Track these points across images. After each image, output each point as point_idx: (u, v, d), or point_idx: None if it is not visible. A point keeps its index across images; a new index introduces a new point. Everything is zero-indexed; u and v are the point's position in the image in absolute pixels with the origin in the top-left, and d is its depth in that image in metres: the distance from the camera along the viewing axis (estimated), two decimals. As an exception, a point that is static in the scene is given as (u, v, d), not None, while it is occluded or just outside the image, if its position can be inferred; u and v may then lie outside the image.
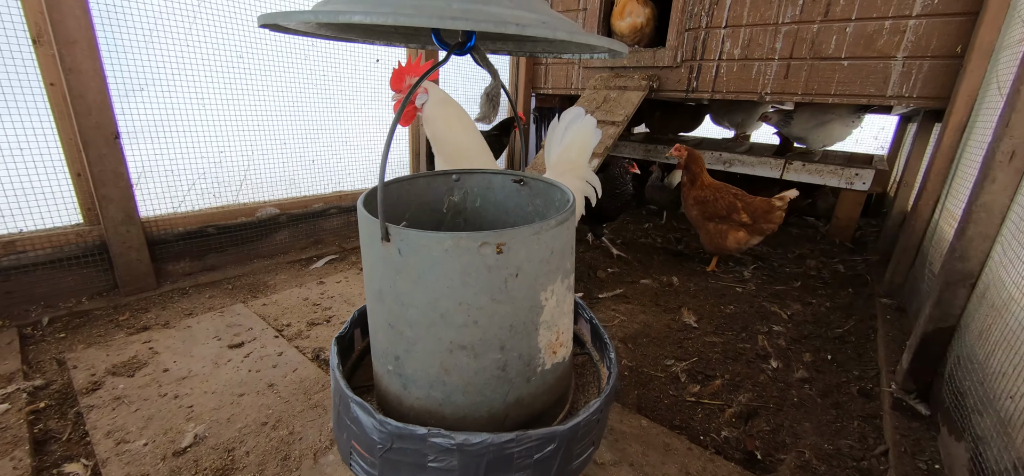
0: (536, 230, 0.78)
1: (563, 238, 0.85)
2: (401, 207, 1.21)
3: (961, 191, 1.67)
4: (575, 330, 1.25)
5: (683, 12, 2.76)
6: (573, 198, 0.95)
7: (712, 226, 2.41)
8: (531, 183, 1.13)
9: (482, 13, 0.61)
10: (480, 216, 1.26)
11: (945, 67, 2.14)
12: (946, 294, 1.29)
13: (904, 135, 3.75)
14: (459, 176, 1.23)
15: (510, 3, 0.66)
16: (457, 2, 0.62)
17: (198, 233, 2.24)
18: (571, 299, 0.94)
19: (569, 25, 0.68)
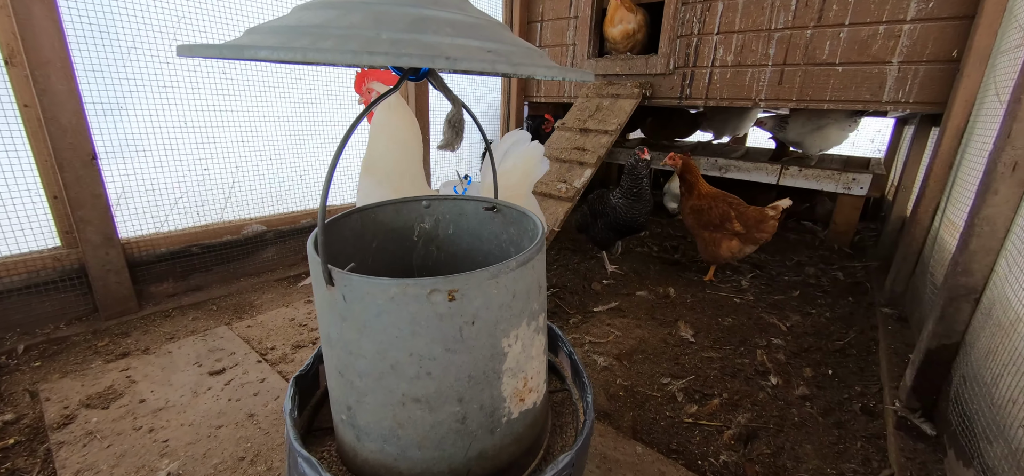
0: (493, 274, 0.72)
1: (528, 279, 0.79)
2: (367, 237, 1.16)
3: (961, 199, 1.63)
4: (555, 364, 1.20)
5: (675, 19, 2.73)
6: (542, 231, 0.89)
7: (706, 234, 2.39)
8: (504, 210, 1.08)
9: (412, 45, 0.55)
10: (453, 244, 1.22)
11: (941, 72, 2.10)
12: (949, 309, 1.24)
13: (901, 137, 3.71)
14: (429, 202, 1.18)
15: (450, 31, 0.60)
16: (386, 32, 0.56)
17: (181, 253, 2.18)
18: (542, 341, 0.88)
19: (518, 55, 0.62)
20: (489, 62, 0.56)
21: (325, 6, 0.64)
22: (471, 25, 0.64)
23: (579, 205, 2.50)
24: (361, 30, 0.57)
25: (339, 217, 1.07)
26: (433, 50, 0.55)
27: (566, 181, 2.35)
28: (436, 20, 0.61)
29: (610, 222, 2.36)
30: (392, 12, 0.61)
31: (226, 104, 2.22)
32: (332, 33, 0.56)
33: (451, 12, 0.64)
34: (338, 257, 1.07)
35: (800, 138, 3.31)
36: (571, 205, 2.28)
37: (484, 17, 0.71)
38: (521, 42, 0.72)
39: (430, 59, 0.53)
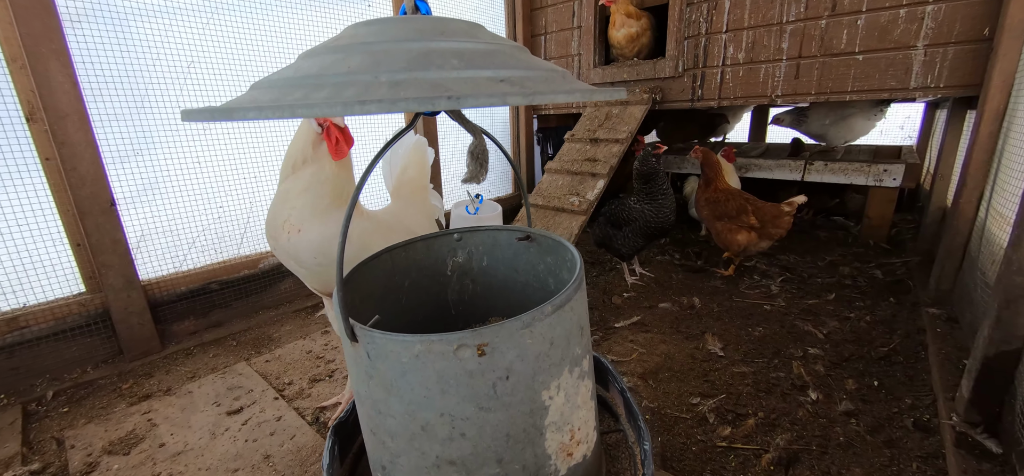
0: (526, 322, 0.67)
1: (567, 322, 0.73)
2: (399, 277, 1.14)
3: (1009, 187, 1.50)
4: (607, 399, 1.13)
5: (680, 21, 2.66)
6: (580, 265, 0.83)
7: (721, 225, 2.41)
8: (539, 239, 1.03)
9: (412, 86, 0.51)
10: (489, 276, 1.18)
11: (973, 52, 1.97)
12: (1006, 313, 1.12)
13: (933, 122, 3.52)
14: (461, 235, 1.15)
15: (457, 62, 0.56)
16: (386, 73, 0.52)
17: (201, 291, 2.21)
18: (588, 386, 0.82)
19: (535, 81, 0.58)
20: (499, 94, 0.52)
21: (327, 51, 0.62)
22: (483, 53, 0.60)
23: (593, 218, 2.44)
24: (359, 75, 0.54)
25: (368, 260, 1.06)
26: (436, 89, 0.51)
27: (579, 194, 2.29)
28: (441, 52, 0.57)
29: (639, 228, 2.28)
30: (394, 50, 0.58)
31: (239, 140, 2.25)
32: (329, 82, 0.53)
33: (460, 41, 0.61)
34: (369, 301, 1.05)
35: (823, 131, 3.17)
36: (585, 218, 2.21)
37: (499, 42, 0.67)
38: (541, 65, 0.67)
39: (430, 101, 0.49)
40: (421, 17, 0.67)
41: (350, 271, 0.97)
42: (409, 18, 0.66)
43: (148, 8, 1.94)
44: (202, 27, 2.11)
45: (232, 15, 2.18)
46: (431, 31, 0.62)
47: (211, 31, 2.13)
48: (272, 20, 2.32)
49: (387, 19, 0.66)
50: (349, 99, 0.49)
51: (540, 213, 2.40)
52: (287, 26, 2.37)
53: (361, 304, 0.99)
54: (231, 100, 0.58)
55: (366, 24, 0.66)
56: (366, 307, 1.00)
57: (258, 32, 2.27)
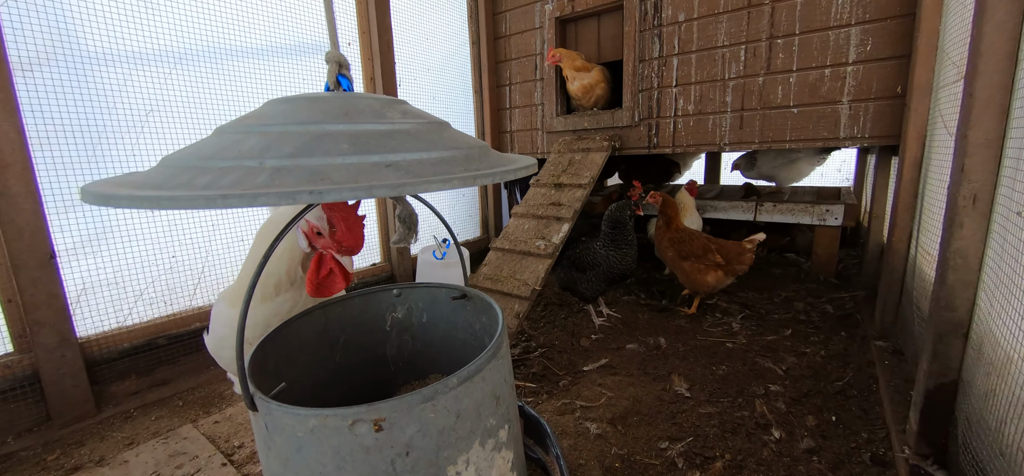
0: (427, 396, 0.65)
1: (477, 393, 0.71)
2: (333, 333, 1.10)
3: (932, 228, 1.63)
4: (545, 463, 1.11)
5: (634, 74, 2.84)
6: (500, 329, 0.82)
7: (688, 265, 2.48)
8: (474, 298, 1.03)
9: (291, 174, 0.51)
10: (428, 332, 1.16)
11: (891, 106, 2.19)
12: (941, 347, 1.20)
13: (866, 165, 3.83)
14: (400, 291, 1.15)
15: (347, 147, 0.55)
16: (272, 159, 0.52)
17: (146, 346, 2.07)
18: (508, 457, 0.79)
19: (434, 166, 0.57)
20: (384, 182, 0.51)
21: (231, 130, 0.62)
22: (382, 134, 0.60)
23: (558, 261, 2.47)
24: (245, 160, 0.53)
25: (298, 317, 1.02)
26: (313, 178, 0.50)
27: (545, 237, 2.33)
28: (336, 136, 0.57)
29: (602, 273, 2.34)
30: (292, 132, 0.58)
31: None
32: (214, 166, 0.53)
33: (366, 123, 0.61)
34: (295, 362, 0.99)
35: (773, 173, 3.40)
36: (551, 261, 2.24)
37: (417, 121, 0.67)
38: (457, 143, 0.66)
39: (291, 197, 0.47)
40: (333, 96, 0.67)
41: (275, 330, 0.94)
42: (321, 97, 0.66)
43: (108, 55, 1.90)
44: (164, 76, 2.08)
45: (197, 64, 2.17)
46: (336, 112, 0.62)
47: (174, 80, 2.10)
48: (238, 70, 2.31)
49: (300, 97, 0.66)
50: (225, 190, 0.48)
51: (507, 256, 2.41)
52: (251, 77, 2.37)
53: (284, 364, 0.95)
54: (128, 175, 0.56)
55: (280, 101, 0.66)
56: (289, 368, 0.97)
57: (222, 82, 2.25)
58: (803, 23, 2.33)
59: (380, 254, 3.11)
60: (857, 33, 2.22)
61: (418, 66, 3.22)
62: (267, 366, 0.90)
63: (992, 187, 1.10)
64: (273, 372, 0.92)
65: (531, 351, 2.27)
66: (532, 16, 3.30)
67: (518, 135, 3.59)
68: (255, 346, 0.88)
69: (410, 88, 3.17)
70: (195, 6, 2.12)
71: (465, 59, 3.59)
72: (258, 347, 0.88)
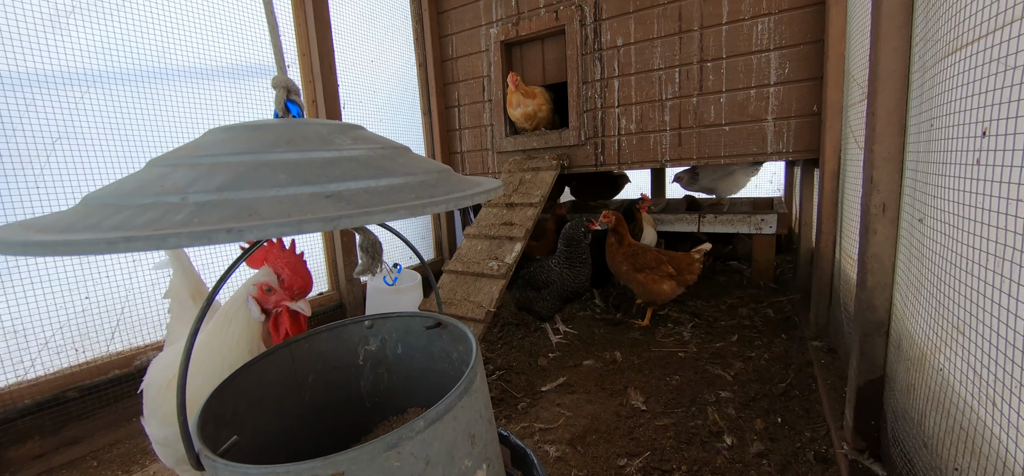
0: (391, 444, 0.60)
1: (449, 435, 0.66)
2: (301, 372, 1.02)
3: (852, 233, 1.77)
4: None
5: (578, 96, 2.94)
6: (474, 360, 0.77)
7: (643, 276, 2.56)
8: (449, 327, 0.98)
9: (215, 210, 0.46)
10: (404, 364, 1.10)
11: (809, 123, 2.38)
12: (866, 346, 1.29)
13: (793, 177, 4.14)
14: (372, 322, 1.08)
15: (285, 178, 0.51)
16: (197, 193, 0.47)
17: (53, 401, 1.83)
18: None
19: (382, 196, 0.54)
20: (320, 214, 0.46)
21: (161, 163, 0.57)
22: (325, 162, 0.56)
23: (513, 281, 2.46)
24: (167, 196, 0.48)
25: (262, 356, 0.94)
26: (238, 215, 0.45)
27: (498, 258, 2.32)
28: (273, 165, 0.53)
29: (556, 291, 2.34)
30: (225, 163, 0.53)
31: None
32: (132, 204, 0.48)
33: (311, 150, 0.57)
34: (260, 406, 0.91)
35: (713, 185, 3.59)
36: (505, 282, 2.22)
37: (370, 146, 0.63)
38: (421, 168, 0.63)
39: (206, 237, 0.43)
40: (277, 122, 0.64)
41: (234, 374, 0.86)
42: (264, 124, 0.62)
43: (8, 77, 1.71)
44: (76, 99, 1.89)
45: (114, 87, 1.99)
46: (278, 139, 0.58)
47: (87, 103, 1.92)
48: (172, 93, 2.15)
49: (242, 125, 0.63)
50: (114, 237, 0.43)
51: (461, 279, 2.37)
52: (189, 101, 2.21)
53: (246, 411, 0.86)
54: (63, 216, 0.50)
55: (221, 130, 0.62)
56: (252, 414, 0.88)
57: (152, 106, 2.08)
58: (729, 48, 2.51)
59: (327, 282, 2.97)
60: (776, 57, 2.41)
61: (364, 88, 3.15)
62: (224, 415, 0.82)
63: (898, 196, 1.21)
64: (232, 422, 0.83)
65: (489, 375, 2.23)
66: (478, 39, 3.34)
67: (469, 156, 3.58)
68: (210, 398, 0.79)
69: (356, 110, 3.09)
70: (117, 22, 1.96)
71: (413, 81, 3.56)
72: (214, 394, 0.80)
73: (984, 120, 0.76)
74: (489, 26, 3.25)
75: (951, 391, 0.89)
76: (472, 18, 3.34)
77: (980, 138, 0.77)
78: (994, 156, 0.73)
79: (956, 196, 0.86)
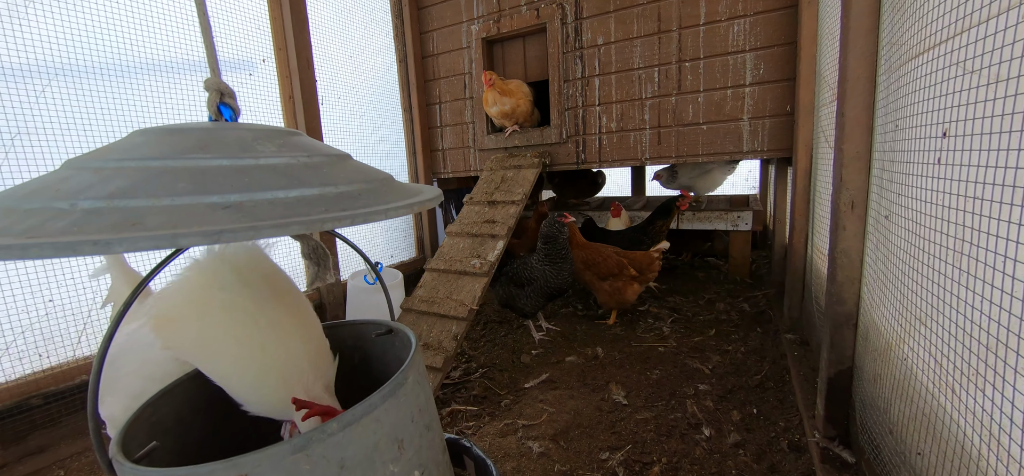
0: (299, 446, 0.58)
1: (369, 438, 0.64)
2: None
3: (823, 230, 1.83)
4: None
5: (560, 94, 2.95)
6: (408, 360, 0.75)
7: (608, 284, 2.57)
8: (399, 333, 0.96)
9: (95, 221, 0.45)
10: (365, 375, 1.07)
11: (783, 123, 2.46)
12: (836, 338, 1.34)
13: (768, 175, 4.26)
14: (327, 332, 1.04)
15: (185, 187, 0.50)
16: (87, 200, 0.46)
17: (15, 409, 1.75)
18: None
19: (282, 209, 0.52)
20: (208, 224, 0.45)
21: (71, 165, 0.55)
22: (238, 170, 0.54)
23: (495, 278, 2.46)
24: (57, 201, 0.47)
25: None
26: (120, 225, 0.44)
27: (480, 256, 2.31)
28: (176, 173, 0.52)
29: (539, 288, 2.35)
30: (128, 168, 0.52)
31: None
32: (20, 207, 0.46)
33: (224, 158, 0.55)
34: (202, 415, 0.87)
35: (691, 183, 3.66)
36: (487, 279, 2.22)
37: (294, 156, 0.61)
38: (353, 178, 0.61)
39: (70, 248, 0.41)
40: (196, 126, 0.62)
41: (181, 379, 0.83)
42: (183, 128, 0.61)
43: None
44: (36, 94, 1.80)
45: (80, 81, 1.91)
46: (193, 145, 0.56)
47: (48, 99, 1.83)
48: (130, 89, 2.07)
49: (162, 128, 0.61)
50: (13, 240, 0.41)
51: (443, 277, 2.36)
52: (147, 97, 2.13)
53: (191, 418, 0.84)
54: None
55: (142, 132, 0.61)
56: (200, 421, 0.86)
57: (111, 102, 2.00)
58: (706, 48, 2.56)
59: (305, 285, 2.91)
60: (751, 58, 2.47)
61: (343, 84, 3.10)
62: (162, 423, 0.79)
63: (866, 194, 1.26)
64: (171, 430, 0.80)
65: (472, 372, 2.23)
66: (459, 36, 3.32)
67: (450, 153, 3.56)
68: (144, 406, 0.76)
69: (335, 107, 3.03)
70: (80, 13, 1.88)
71: (393, 77, 3.51)
72: (155, 397, 0.78)
73: (945, 122, 0.80)
74: (470, 22, 3.24)
75: (915, 380, 0.94)
76: (453, 14, 3.31)
77: (941, 139, 0.81)
78: (954, 156, 0.77)
79: (919, 194, 0.90)
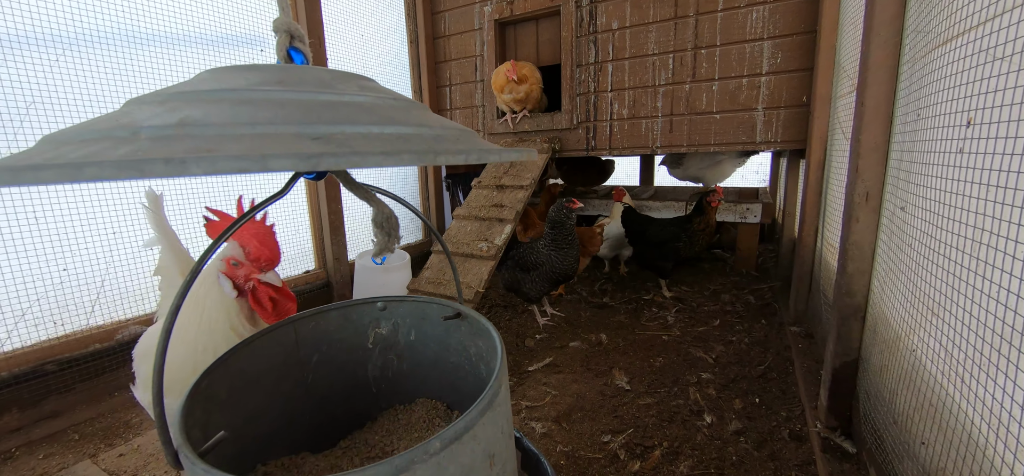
0: (401, 467, 0.52)
1: (467, 457, 0.58)
2: (306, 350, 0.98)
3: (834, 223, 1.82)
4: None
5: (572, 79, 2.92)
6: (500, 363, 0.70)
7: None
8: (470, 320, 0.91)
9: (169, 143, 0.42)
10: (416, 352, 1.05)
11: (798, 114, 2.42)
12: (843, 329, 1.33)
13: (779, 168, 4.21)
14: (385, 304, 1.03)
15: (268, 115, 0.47)
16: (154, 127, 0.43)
17: (31, 374, 1.79)
18: None
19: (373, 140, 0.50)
20: (292, 148, 0.43)
21: (135, 101, 0.53)
22: (324, 105, 0.51)
23: (501, 262, 2.47)
24: (118, 130, 0.44)
25: (262, 333, 0.89)
26: (192, 149, 0.41)
27: (487, 239, 2.32)
28: (257, 104, 0.49)
29: (545, 273, 2.35)
30: (201, 99, 0.49)
31: (90, 189, 1.93)
32: (78, 138, 0.44)
33: (305, 92, 0.53)
34: (258, 387, 0.86)
35: (700, 173, 3.63)
36: (494, 263, 2.23)
37: (378, 95, 0.59)
38: (437, 123, 0.59)
39: (137, 168, 0.37)
40: (274, 65, 0.60)
41: (230, 351, 0.82)
42: (260, 66, 0.58)
43: (-32, 37, 1.63)
44: (50, 63, 1.81)
45: (91, 50, 1.92)
46: (271, 80, 0.54)
47: (62, 68, 1.84)
48: (142, 59, 2.07)
49: (237, 66, 0.59)
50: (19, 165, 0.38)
51: (451, 260, 2.37)
52: (162, 69, 2.14)
53: (241, 392, 0.82)
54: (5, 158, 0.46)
55: (215, 70, 0.58)
56: (248, 396, 0.85)
57: (124, 74, 2.01)
58: (723, 35, 2.52)
59: (314, 260, 2.94)
60: (769, 46, 2.43)
61: (354, 66, 3.09)
62: (218, 396, 0.76)
63: (881, 185, 1.25)
64: (227, 403, 0.79)
65: (476, 354, 2.25)
66: (471, 17, 3.28)
67: (460, 136, 3.55)
68: (200, 378, 0.74)
69: (345, 86, 3.03)
70: (88, -15, 1.88)
71: (404, 58, 3.49)
72: (206, 372, 0.75)
73: (970, 109, 0.79)
74: (483, 3, 3.20)
75: (923, 370, 0.94)
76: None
77: (965, 128, 0.80)
78: (977, 145, 0.76)
79: (938, 183, 0.89)
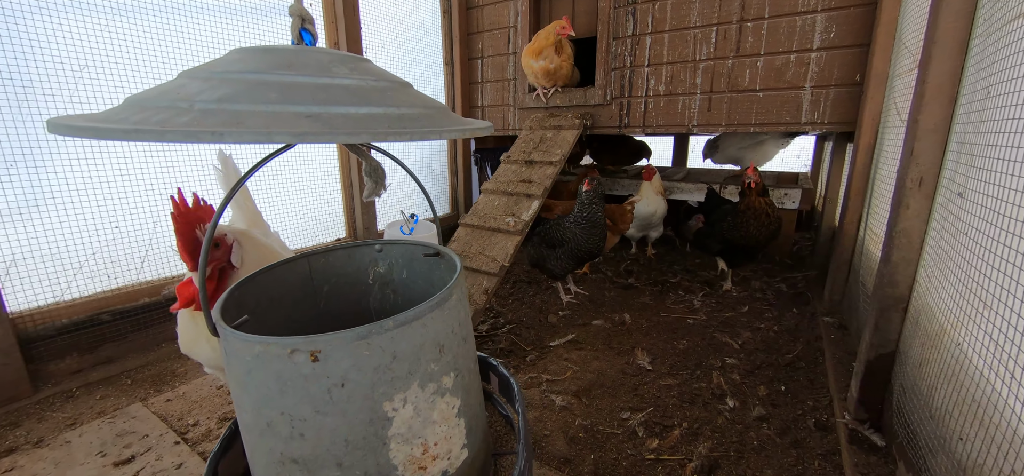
0: (362, 335, 0.70)
1: (416, 338, 0.76)
2: (317, 282, 1.14)
3: (880, 211, 1.72)
4: (512, 420, 1.17)
5: (607, 53, 2.83)
6: (454, 280, 0.87)
7: None
8: (446, 257, 1.08)
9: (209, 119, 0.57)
10: (408, 288, 1.20)
11: (849, 94, 2.27)
12: (882, 321, 1.28)
13: (823, 152, 4.00)
14: (382, 246, 1.18)
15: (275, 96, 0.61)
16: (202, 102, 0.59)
17: (88, 322, 1.93)
18: (452, 403, 0.85)
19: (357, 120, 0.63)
20: (297, 131, 0.57)
21: (186, 74, 0.67)
22: (318, 87, 0.64)
23: (528, 238, 2.47)
24: (179, 101, 0.59)
25: (282, 263, 1.05)
26: (227, 123, 0.56)
27: (515, 214, 2.32)
28: (269, 85, 0.62)
29: (570, 250, 2.35)
30: (231, 79, 0.63)
31: (140, 152, 2.03)
32: (153, 104, 0.59)
33: (306, 76, 0.65)
34: (280, 305, 1.04)
35: (739, 155, 3.49)
36: (520, 238, 2.23)
37: (364, 78, 0.70)
38: (417, 103, 0.71)
39: (195, 136, 0.54)
40: (284, 48, 0.73)
41: (257, 272, 0.98)
42: (274, 49, 0.71)
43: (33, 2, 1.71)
44: (100, 28, 1.90)
45: (136, 17, 1.99)
46: (281, 63, 0.67)
47: (111, 32, 1.92)
48: (182, 25, 2.14)
49: (257, 47, 0.72)
50: (126, 128, 0.54)
51: (476, 233, 2.39)
52: (199, 32, 2.20)
53: (266, 306, 0.99)
54: (103, 113, 0.62)
55: (240, 50, 0.73)
56: (271, 311, 1.01)
57: (165, 36, 2.08)
58: (772, 7, 2.37)
59: (345, 229, 3.03)
60: (822, 20, 2.28)
61: (387, 32, 3.09)
62: (247, 305, 0.93)
63: (937, 170, 1.17)
64: (254, 310, 0.94)
65: (499, 327, 2.28)
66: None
67: (490, 110, 3.52)
68: (233, 288, 0.91)
69: (377, 55, 3.04)
70: (136, -48, 1.94)
71: (437, 28, 3.47)
72: (237, 286, 0.92)
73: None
74: (517, -27, 3.12)
75: (968, 365, 0.89)
76: (500, -37, 3.20)
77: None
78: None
79: (1005, 167, 0.83)
